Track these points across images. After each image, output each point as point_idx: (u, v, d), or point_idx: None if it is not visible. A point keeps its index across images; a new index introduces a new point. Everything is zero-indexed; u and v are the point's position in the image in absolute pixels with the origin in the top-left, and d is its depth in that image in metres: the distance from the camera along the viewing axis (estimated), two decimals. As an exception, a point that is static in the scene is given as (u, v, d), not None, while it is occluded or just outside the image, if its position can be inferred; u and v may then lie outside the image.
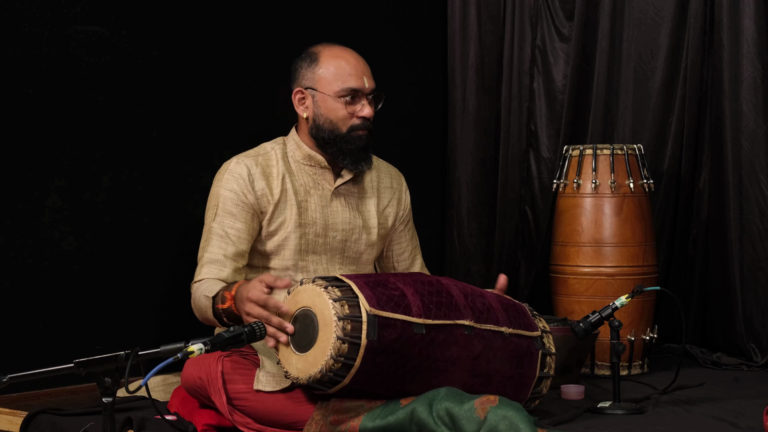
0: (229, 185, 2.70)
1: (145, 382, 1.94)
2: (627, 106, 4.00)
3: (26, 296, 3.00)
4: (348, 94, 2.70)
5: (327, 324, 2.25)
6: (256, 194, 2.70)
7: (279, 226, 2.72)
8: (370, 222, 2.85)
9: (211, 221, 2.69)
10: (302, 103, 2.75)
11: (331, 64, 2.71)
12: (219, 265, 2.64)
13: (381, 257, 2.99)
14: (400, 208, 2.93)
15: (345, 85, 2.70)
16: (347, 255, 2.81)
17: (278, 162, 2.75)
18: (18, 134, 2.99)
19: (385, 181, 2.92)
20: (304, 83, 2.74)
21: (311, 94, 2.74)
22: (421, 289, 2.41)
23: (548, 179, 4.15)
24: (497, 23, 4.30)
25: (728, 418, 2.68)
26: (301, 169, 2.77)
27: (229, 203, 2.68)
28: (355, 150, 2.73)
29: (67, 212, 3.08)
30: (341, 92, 2.70)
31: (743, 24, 3.66)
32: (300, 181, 2.76)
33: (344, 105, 2.71)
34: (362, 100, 2.72)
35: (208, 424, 2.51)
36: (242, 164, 2.72)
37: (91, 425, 2.57)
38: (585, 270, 3.53)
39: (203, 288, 2.58)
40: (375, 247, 2.87)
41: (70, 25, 3.09)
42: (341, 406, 2.35)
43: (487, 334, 2.47)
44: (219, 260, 2.64)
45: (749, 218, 3.67)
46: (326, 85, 2.71)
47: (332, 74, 2.70)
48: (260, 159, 2.75)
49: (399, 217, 2.94)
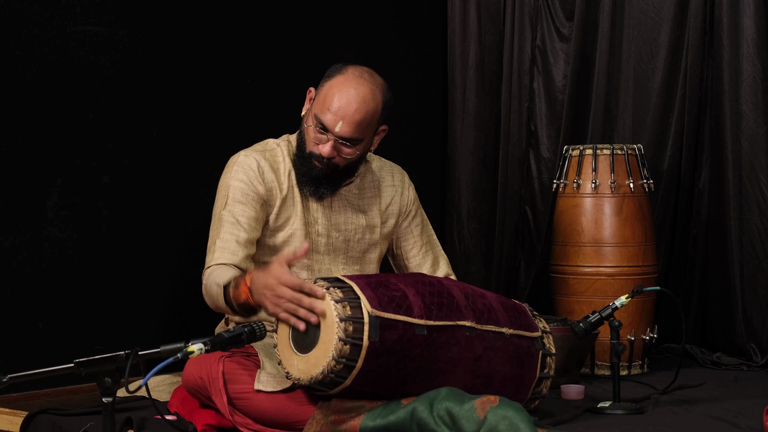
0: (238, 176, 2.69)
1: (145, 382, 1.94)
2: (627, 106, 4.00)
3: (26, 296, 3.00)
4: (318, 125, 2.66)
5: (329, 325, 2.25)
6: (266, 185, 2.69)
7: (285, 223, 2.72)
8: (373, 221, 2.85)
9: (221, 210, 2.68)
10: (309, 101, 2.76)
11: (330, 89, 2.66)
12: (231, 250, 2.62)
13: (393, 255, 2.98)
14: (402, 203, 2.92)
15: (321, 114, 2.65)
16: (350, 255, 2.81)
17: (284, 158, 2.76)
18: (18, 134, 2.99)
19: (387, 180, 2.92)
20: (316, 90, 2.75)
21: (311, 99, 2.74)
22: (423, 290, 2.40)
23: (548, 179, 4.15)
24: (497, 23, 4.30)
25: (728, 418, 2.68)
26: None
27: (239, 193, 2.68)
28: (308, 174, 2.70)
29: (67, 212, 3.08)
30: (315, 118, 2.66)
31: (743, 24, 3.66)
32: None
33: (315, 130, 2.67)
34: (330, 138, 2.65)
35: (208, 424, 2.51)
36: (251, 157, 2.72)
37: (91, 425, 2.57)
38: (585, 270, 3.53)
39: (215, 275, 2.56)
40: (378, 246, 2.87)
41: (70, 25, 3.09)
42: (342, 405, 2.35)
43: (488, 335, 2.47)
44: (231, 246, 2.62)
45: (749, 218, 3.67)
46: (317, 102, 2.69)
47: (322, 98, 2.67)
48: (267, 154, 2.75)
49: (402, 213, 2.93)
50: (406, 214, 2.94)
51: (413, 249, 2.95)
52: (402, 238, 2.95)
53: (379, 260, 2.90)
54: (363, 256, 2.84)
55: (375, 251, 2.87)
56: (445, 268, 2.98)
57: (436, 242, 3.02)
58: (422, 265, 2.95)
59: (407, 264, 2.96)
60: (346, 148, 2.67)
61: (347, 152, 2.67)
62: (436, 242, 3.01)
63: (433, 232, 3.03)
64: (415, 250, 2.95)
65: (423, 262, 2.95)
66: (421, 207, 2.99)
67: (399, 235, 2.94)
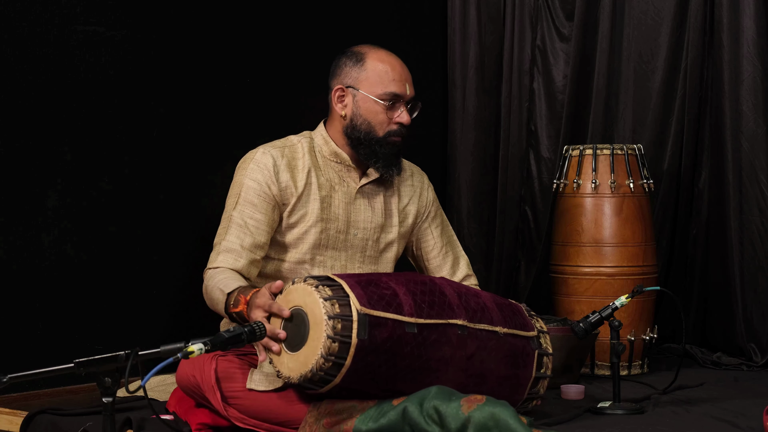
0: (253, 175, 2.69)
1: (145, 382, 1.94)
2: (627, 106, 4.00)
3: (26, 296, 3.00)
4: (389, 99, 2.72)
5: (317, 323, 2.25)
6: (280, 186, 2.69)
7: (299, 219, 2.72)
8: (392, 220, 2.85)
9: (232, 209, 2.69)
10: (341, 100, 2.75)
11: (377, 67, 2.72)
12: (235, 255, 2.63)
13: (414, 256, 2.98)
14: (421, 204, 2.92)
15: (388, 89, 2.71)
16: (368, 254, 2.81)
17: (304, 155, 2.75)
18: (18, 134, 2.99)
19: (407, 179, 2.92)
20: (347, 81, 2.74)
21: (352, 93, 2.74)
22: (414, 289, 2.40)
23: (548, 179, 4.16)
24: (497, 23, 4.30)
25: (728, 418, 2.68)
26: (327, 164, 2.77)
27: (252, 193, 2.68)
28: (388, 155, 2.75)
29: (67, 212, 3.08)
30: (383, 96, 2.71)
31: (743, 24, 3.66)
32: (326, 176, 2.76)
33: (384, 109, 2.72)
34: (401, 106, 2.74)
35: (202, 423, 2.51)
36: (268, 155, 2.71)
37: (90, 425, 2.57)
38: (585, 270, 3.53)
39: (218, 279, 2.57)
40: (395, 245, 2.86)
41: (70, 25, 3.09)
42: (333, 407, 2.35)
43: (481, 334, 2.47)
44: (235, 250, 2.64)
45: (749, 218, 3.67)
46: (369, 86, 2.72)
47: (377, 77, 2.71)
48: (287, 151, 2.74)
49: (421, 214, 2.93)
50: (425, 215, 2.93)
51: (433, 250, 2.95)
52: (422, 239, 2.94)
53: (395, 260, 2.89)
54: (380, 255, 2.83)
55: (392, 250, 2.86)
56: (465, 268, 2.98)
57: (457, 243, 3.02)
58: (442, 266, 2.94)
59: (427, 265, 2.96)
60: (414, 110, 2.80)
61: (414, 113, 2.80)
62: (456, 243, 3.01)
63: (454, 232, 3.03)
64: (435, 251, 2.95)
65: (443, 263, 2.95)
66: (440, 208, 3.00)
67: (419, 236, 2.94)
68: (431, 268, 2.95)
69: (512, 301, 2.67)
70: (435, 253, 2.95)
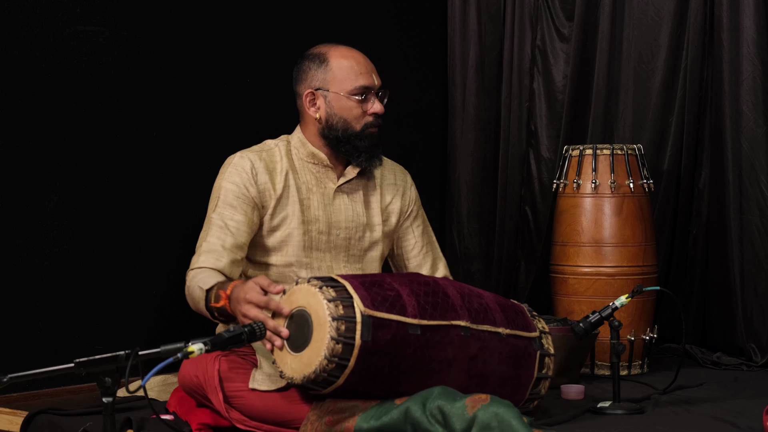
0: (231, 178, 2.71)
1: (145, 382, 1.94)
2: (627, 106, 4.00)
3: (26, 296, 3.00)
4: (361, 93, 2.74)
5: (321, 324, 2.25)
6: (259, 188, 2.70)
7: (282, 222, 2.72)
8: (374, 219, 2.85)
9: (212, 212, 2.71)
10: (313, 104, 2.76)
11: (342, 64, 2.74)
12: (216, 255, 2.64)
13: (393, 255, 2.99)
14: (404, 203, 2.93)
15: (357, 83, 2.73)
16: (352, 253, 2.81)
17: (282, 158, 2.76)
18: (18, 134, 3.00)
19: (389, 178, 2.92)
20: (315, 84, 2.75)
21: (323, 94, 2.75)
22: (417, 290, 2.40)
23: (548, 179, 4.15)
24: (497, 23, 4.30)
25: (728, 418, 2.68)
26: (304, 166, 2.78)
27: (231, 195, 2.69)
28: (369, 147, 2.77)
29: (67, 212, 3.08)
30: (354, 91, 2.73)
31: (743, 24, 3.66)
32: (303, 179, 2.76)
33: (358, 103, 2.74)
34: (372, 97, 2.77)
35: (203, 424, 2.51)
36: (246, 158, 2.73)
37: (90, 425, 2.57)
38: (585, 270, 3.53)
39: (199, 278, 2.58)
40: (380, 244, 2.87)
41: (70, 25, 3.09)
42: (336, 406, 2.35)
43: (484, 335, 2.47)
44: (216, 250, 2.64)
45: (749, 218, 3.67)
46: (339, 84, 2.74)
47: (343, 74, 2.74)
48: (264, 155, 2.76)
49: (404, 213, 2.93)
50: (407, 214, 2.94)
51: (414, 249, 2.95)
52: (403, 238, 2.95)
53: (381, 259, 2.90)
54: (364, 254, 2.84)
55: (377, 250, 2.87)
56: (443, 270, 2.99)
57: (436, 244, 3.03)
58: (422, 265, 2.95)
59: (407, 264, 2.96)
60: (384, 98, 2.80)
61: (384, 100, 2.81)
62: (435, 244, 3.02)
63: (433, 233, 3.03)
64: (415, 250, 2.96)
65: (423, 262, 2.96)
66: (422, 208, 3.00)
67: (400, 234, 2.95)
68: (410, 267, 2.95)
69: (515, 302, 2.67)
70: (415, 253, 2.96)
